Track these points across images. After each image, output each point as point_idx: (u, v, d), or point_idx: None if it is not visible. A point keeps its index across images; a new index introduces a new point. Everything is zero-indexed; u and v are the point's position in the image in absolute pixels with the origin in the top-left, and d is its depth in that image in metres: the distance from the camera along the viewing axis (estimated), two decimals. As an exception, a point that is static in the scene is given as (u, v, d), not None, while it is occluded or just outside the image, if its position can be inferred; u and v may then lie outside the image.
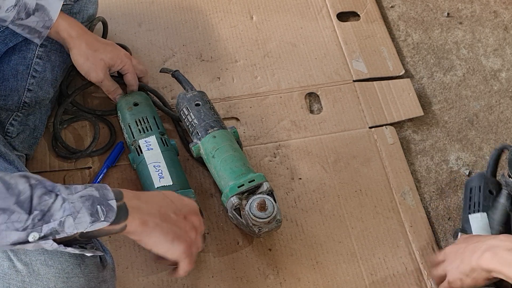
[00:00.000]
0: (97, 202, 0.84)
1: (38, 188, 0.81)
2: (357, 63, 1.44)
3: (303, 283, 1.14)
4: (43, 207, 0.80)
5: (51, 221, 0.80)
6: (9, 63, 1.21)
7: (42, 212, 0.80)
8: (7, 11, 1.08)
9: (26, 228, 0.79)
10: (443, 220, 1.25)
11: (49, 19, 1.13)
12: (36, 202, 0.80)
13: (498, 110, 1.41)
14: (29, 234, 0.79)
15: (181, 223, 0.94)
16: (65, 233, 0.82)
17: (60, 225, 0.81)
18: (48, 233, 0.80)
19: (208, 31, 1.46)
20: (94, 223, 0.83)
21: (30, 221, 0.79)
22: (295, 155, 1.29)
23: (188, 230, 0.95)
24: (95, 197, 0.84)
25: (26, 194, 0.80)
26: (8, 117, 1.19)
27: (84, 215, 0.82)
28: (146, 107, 1.24)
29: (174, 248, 0.93)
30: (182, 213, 0.95)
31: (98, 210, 0.83)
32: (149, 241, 0.91)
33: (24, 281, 0.89)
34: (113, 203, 0.85)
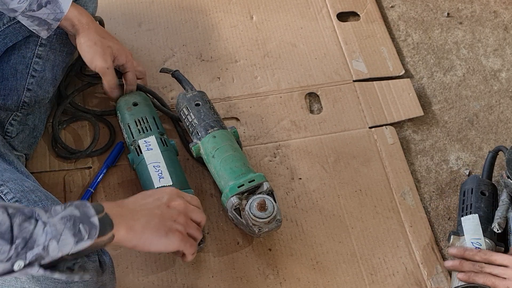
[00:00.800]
0: (78, 221, 0.83)
1: (17, 216, 0.79)
2: (357, 63, 1.43)
3: (303, 283, 1.14)
4: (24, 234, 0.79)
5: (34, 247, 0.79)
6: (9, 63, 1.21)
7: (25, 240, 0.78)
8: (19, 2, 1.08)
9: (10, 258, 0.78)
10: (443, 220, 1.25)
11: (60, 12, 1.13)
12: (17, 231, 0.78)
13: (498, 110, 1.41)
14: (14, 263, 0.78)
15: (166, 214, 0.94)
16: (50, 257, 0.80)
17: (44, 249, 0.79)
18: (33, 259, 0.79)
19: (208, 31, 1.46)
20: (78, 243, 0.82)
21: (13, 251, 0.78)
22: (295, 155, 1.29)
23: (175, 217, 0.95)
24: (76, 216, 0.83)
25: (5, 224, 0.78)
26: (8, 116, 1.19)
27: (67, 236, 0.81)
28: (146, 107, 1.24)
29: (170, 241, 0.93)
30: (163, 203, 0.95)
31: (81, 229, 0.82)
32: (144, 245, 0.91)
33: (23, 287, 0.89)
34: (95, 220, 0.84)
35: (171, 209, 0.96)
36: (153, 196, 0.97)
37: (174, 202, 0.97)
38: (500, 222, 1.13)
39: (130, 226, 0.89)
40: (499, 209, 1.15)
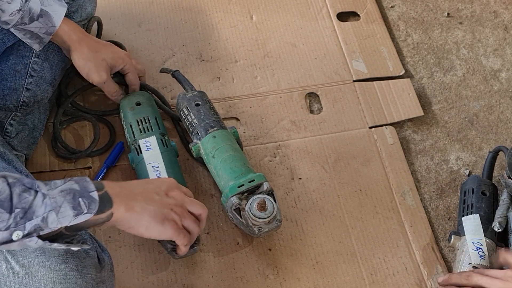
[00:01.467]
0: (78, 195, 0.83)
1: (17, 186, 0.80)
2: (357, 63, 1.43)
3: (303, 283, 1.14)
4: (24, 204, 0.79)
5: (33, 218, 0.80)
6: (7, 63, 1.21)
7: (24, 210, 0.79)
8: (11, 15, 1.08)
9: (9, 227, 0.78)
10: (443, 220, 1.25)
11: (52, 26, 1.13)
12: (16, 200, 0.79)
13: (498, 110, 1.41)
14: (13, 233, 0.79)
15: (165, 202, 0.95)
16: (49, 228, 0.81)
17: (43, 221, 0.80)
18: (32, 230, 0.80)
19: (208, 31, 1.46)
20: (78, 216, 0.83)
21: (12, 220, 0.78)
22: (295, 155, 1.29)
23: (173, 206, 0.95)
24: (76, 190, 0.84)
25: (5, 193, 0.79)
26: (7, 116, 1.19)
27: (66, 209, 0.82)
28: (148, 107, 1.24)
29: (165, 229, 0.93)
30: (163, 191, 0.96)
31: (80, 203, 0.83)
32: (140, 227, 0.91)
33: (21, 283, 0.89)
34: (94, 194, 0.84)
35: (169, 198, 0.96)
36: (153, 183, 0.98)
37: (172, 192, 0.98)
38: (500, 221, 1.13)
39: (129, 206, 0.89)
40: (500, 208, 1.15)
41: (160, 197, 0.95)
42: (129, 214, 0.89)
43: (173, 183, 1.00)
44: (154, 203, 0.93)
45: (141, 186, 0.95)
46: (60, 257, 0.90)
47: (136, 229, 0.91)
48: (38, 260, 0.89)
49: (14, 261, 0.89)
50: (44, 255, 0.90)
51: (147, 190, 0.94)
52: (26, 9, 1.09)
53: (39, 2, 1.10)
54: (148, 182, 0.98)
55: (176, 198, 0.97)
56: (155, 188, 0.96)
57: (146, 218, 0.91)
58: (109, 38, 1.39)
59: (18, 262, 0.89)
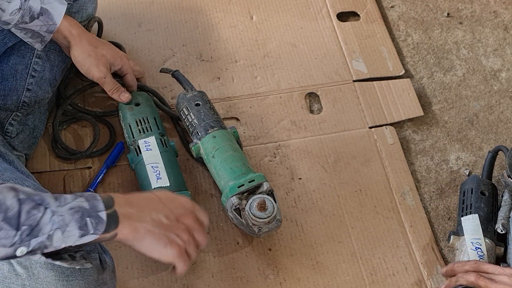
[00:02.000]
0: (86, 214, 0.83)
1: (27, 203, 0.79)
2: (357, 63, 1.43)
3: (303, 283, 1.14)
4: (31, 222, 0.79)
5: (39, 235, 0.79)
6: (8, 63, 1.21)
7: (31, 227, 0.78)
8: (11, 14, 1.08)
9: (14, 244, 0.78)
10: (443, 220, 1.25)
11: (53, 24, 1.13)
12: (24, 217, 0.78)
13: (498, 110, 1.41)
14: (17, 249, 0.78)
15: (173, 226, 0.93)
16: (53, 247, 0.80)
17: (49, 239, 0.80)
18: (36, 247, 0.79)
19: (208, 31, 1.46)
20: (83, 236, 0.82)
21: (18, 237, 0.78)
22: (295, 155, 1.29)
23: (180, 233, 0.94)
24: (85, 209, 0.83)
25: (14, 210, 0.78)
26: (7, 117, 1.19)
27: (73, 228, 0.81)
28: (147, 108, 1.24)
29: (167, 252, 0.92)
30: (174, 216, 0.94)
31: (87, 223, 0.82)
32: (141, 247, 0.90)
33: (24, 285, 0.89)
34: (103, 214, 0.84)
35: (179, 224, 0.94)
36: (167, 205, 0.95)
37: (185, 219, 0.96)
38: (504, 223, 1.13)
39: (134, 227, 0.88)
40: (502, 210, 1.15)
41: (170, 221, 0.93)
42: (132, 236, 0.88)
43: (189, 209, 0.97)
44: (161, 226, 0.91)
45: (152, 205, 0.93)
46: None
47: (137, 248, 0.91)
48: (40, 262, 0.89)
49: (16, 263, 0.89)
50: None
51: (156, 211, 0.92)
52: (26, 7, 1.09)
53: (39, 1, 1.10)
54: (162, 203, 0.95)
55: (187, 225, 0.95)
56: (168, 212, 0.94)
57: (149, 240, 0.90)
58: (109, 38, 1.39)
59: (21, 264, 0.89)
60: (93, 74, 1.21)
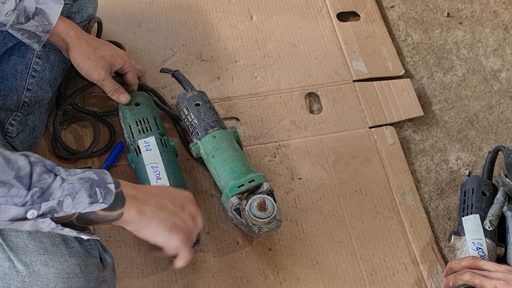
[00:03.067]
0: (95, 184, 0.84)
1: (38, 165, 0.81)
2: (357, 63, 1.44)
3: (303, 283, 1.14)
4: (42, 184, 0.80)
5: (50, 199, 0.80)
6: (8, 63, 1.21)
7: (42, 190, 0.80)
8: (6, 15, 1.08)
9: (25, 204, 0.79)
10: (443, 220, 1.25)
11: (48, 23, 1.13)
12: (36, 179, 0.80)
13: (498, 110, 1.41)
14: (28, 210, 0.79)
15: (178, 212, 0.94)
16: (63, 212, 0.82)
17: (59, 204, 0.81)
18: (47, 211, 0.81)
19: (208, 31, 1.46)
20: (93, 204, 0.83)
21: (29, 197, 0.79)
22: (295, 155, 1.29)
23: (186, 219, 0.95)
24: (94, 179, 0.85)
25: (26, 170, 0.80)
26: (8, 117, 1.19)
27: (82, 195, 0.83)
28: (147, 108, 1.24)
29: (172, 237, 0.92)
30: (179, 203, 0.95)
31: (97, 192, 0.84)
32: (147, 231, 0.91)
33: (24, 282, 0.89)
34: (112, 187, 0.85)
35: (183, 211, 0.95)
36: (170, 193, 0.97)
37: (189, 207, 0.97)
38: (491, 219, 1.12)
39: (141, 209, 0.89)
40: (492, 207, 1.15)
41: (174, 206, 0.94)
42: (138, 217, 0.89)
43: (191, 198, 0.99)
44: (166, 210, 0.92)
45: (157, 192, 0.95)
46: (62, 256, 0.91)
47: (143, 232, 0.91)
48: (41, 259, 0.90)
49: (16, 260, 0.89)
50: (47, 254, 0.90)
51: (162, 197, 0.94)
52: (21, 8, 1.09)
53: (34, 1, 1.10)
54: (165, 190, 0.97)
55: (190, 212, 0.96)
56: (171, 198, 0.95)
57: (154, 223, 0.90)
58: (109, 38, 1.39)
59: (21, 261, 0.89)
60: (92, 77, 1.21)
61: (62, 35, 1.16)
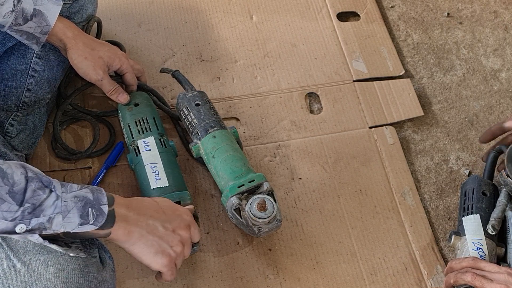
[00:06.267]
0: (89, 204, 0.85)
1: (34, 181, 0.82)
2: (357, 63, 1.43)
3: (303, 283, 1.14)
4: (35, 201, 0.81)
5: (40, 215, 0.82)
6: (8, 63, 1.21)
7: (33, 206, 0.81)
8: (4, 17, 1.08)
9: (15, 219, 0.80)
10: (443, 220, 1.25)
11: (47, 25, 1.13)
12: (29, 195, 0.81)
13: (498, 110, 1.41)
14: (17, 225, 0.81)
15: (168, 237, 0.95)
16: (52, 230, 0.83)
17: (49, 221, 0.82)
18: (36, 227, 0.82)
19: (208, 31, 1.46)
20: (82, 225, 0.85)
21: (19, 213, 0.80)
22: (295, 155, 1.29)
23: (174, 244, 0.96)
24: (88, 199, 0.86)
25: (20, 185, 0.81)
26: (8, 117, 1.19)
27: (74, 215, 0.84)
28: (147, 108, 1.24)
29: (156, 261, 0.94)
30: (171, 226, 0.96)
31: (89, 213, 0.85)
32: (133, 250, 0.93)
33: (24, 281, 0.89)
34: (105, 208, 0.86)
35: (174, 235, 0.96)
36: (166, 213, 0.97)
37: (181, 231, 0.98)
38: (494, 224, 1.12)
39: (129, 231, 0.91)
40: (495, 211, 1.15)
41: (165, 230, 0.95)
42: (125, 238, 0.91)
43: (186, 221, 0.99)
44: (156, 234, 0.94)
45: (151, 212, 0.95)
46: (62, 256, 0.91)
47: (128, 250, 0.93)
48: (40, 259, 0.90)
49: (16, 259, 0.89)
50: (46, 253, 0.90)
51: (154, 219, 0.94)
52: (19, 9, 1.09)
53: (32, 2, 1.10)
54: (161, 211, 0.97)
55: (181, 237, 0.97)
56: (164, 221, 0.96)
57: (140, 246, 0.93)
58: (109, 38, 1.39)
59: (21, 261, 0.89)
60: (90, 77, 1.21)
61: (59, 35, 1.16)
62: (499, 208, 1.15)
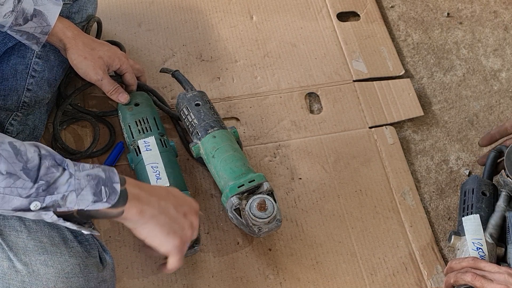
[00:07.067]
0: (102, 182, 0.86)
1: (47, 159, 0.83)
2: (357, 63, 1.44)
3: (303, 283, 1.14)
4: (49, 178, 0.82)
5: (54, 193, 0.82)
6: (8, 63, 1.21)
7: (47, 183, 0.81)
8: (4, 17, 1.08)
9: (30, 196, 0.81)
10: (443, 220, 1.25)
11: (47, 25, 1.13)
12: (43, 172, 0.81)
13: (498, 110, 1.41)
14: (31, 202, 0.81)
15: (179, 219, 0.95)
16: (66, 207, 0.83)
17: (63, 199, 0.83)
18: (50, 204, 0.82)
19: (208, 31, 1.46)
20: (96, 202, 0.85)
21: (34, 190, 0.81)
22: (295, 155, 1.29)
23: (185, 227, 0.95)
24: (101, 177, 0.86)
25: (34, 162, 0.81)
26: (8, 117, 1.19)
27: (87, 193, 0.84)
28: (147, 108, 1.24)
29: (168, 241, 0.93)
30: (182, 210, 0.96)
31: (102, 191, 0.85)
32: (143, 231, 0.92)
33: (23, 281, 0.89)
34: (117, 186, 0.87)
35: (185, 219, 0.96)
36: (177, 198, 0.97)
37: (192, 216, 0.97)
38: (491, 232, 1.12)
39: (141, 209, 0.90)
40: (493, 217, 1.14)
41: (177, 213, 0.95)
42: (138, 216, 0.90)
43: (195, 209, 0.99)
44: (168, 215, 0.93)
45: (163, 194, 0.95)
46: (62, 256, 0.91)
47: (140, 231, 0.92)
48: (40, 259, 0.90)
49: (16, 259, 0.89)
50: (46, 253, 0.90)
51: (166, 201, 0.94)
52: (19, 10, 1.09)
53: (32, 2, 1.10)
54: (172, 195, 0.97)
55: (191, 222, 0.97)
56: (176, 204, 0.95)
57: (152, 225, 0.91)
58: (109, 38, 1.39)
59: (21, 261, 0.89)
60: (90, 77, 1.21)
61: (59, 35, 1.16)
62: (497, 215, 1.14)
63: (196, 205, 1.00)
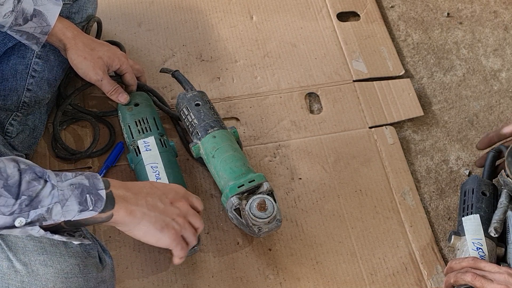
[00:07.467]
0: (86, 190, 0.85)
1: (27, 173, 0.81)
2: (357, 63, 1.43)
3: (303, 283, 1.14)
4: (31, 192, 0.81)
5: (38, 207, 0.81)
6: (8, 63, 1.21)
7: (30, 198, 0.80)
8: (4, 17, 1.08)
9: (13, 213, 0.80)
10: (443, 220, 1.25)
11: (47, 25, 1.13)
12: (24, 187, 0.80)
13: (498, 110, 1.41)
14: (16, 219, 0.80)
15: (168, 210, 0.95)
16: (52, 220, 0.82)
17: (48, 212, 0.82)
18: (35, 219, 0.81)
19: (208, 31, 1.46)
20: (82, 212, 0.84)
21: (17, 206, 0.80)
22: (295, 155, 1.29)
23: (175, 216, 0.96)
24: (85, 185, 0.85)
25: (14, 178, 0.80)
26: (8, 117, 1.19)
27: (72, 203, 0.83)
28: (147, 108, 1.24)
29: (163, 236, 0.94)
30: (168, 199, 0.96)
31: (87, 199, 0.84)
32: (138, 231, 0.92)
33: (23, 281, 0.89)
34: (103, 193, 0.86)
35: (173, 207, 0.96)
36: (159, 189, 0.97)
37: (179, 202, 0.98)
38: (496, 226, 1.12)
39: (130, 210, 0.90)
40: (497, 212, 1.15)
41: (164, 205, 0.95)
42: (128, 218, 0.90)
43: (181, 192, 1.00)
44: (156, 210, 0.93)
45: (147, 190, 0.95)
46: (61, 256, 0.91)
47: (134, 232, 0.92)
48: (39, 259, 0.90)
49: (15, 260, 0.89)
50: (45, 254, 0.90)
51: (151, 196, 0.94)
52: (19, 10, 1.09)
53: (32, 2, 1.10)
54: (155, 187, 0.97)
55: (180, 209, 0.98)
56: (161, 195, 0.96)
57: (145, 224, 0.92)
58: (109, 38, 1.39)
59: (20, 261, 0.89)
60: (90, 77, 1.21)
61: (59, 35, 1.16)
62: (500, 210, 1.15)
63: (181, 189, 1.00)
